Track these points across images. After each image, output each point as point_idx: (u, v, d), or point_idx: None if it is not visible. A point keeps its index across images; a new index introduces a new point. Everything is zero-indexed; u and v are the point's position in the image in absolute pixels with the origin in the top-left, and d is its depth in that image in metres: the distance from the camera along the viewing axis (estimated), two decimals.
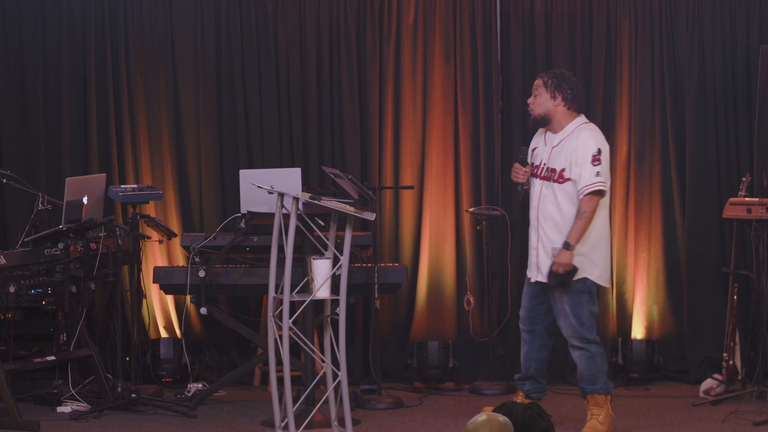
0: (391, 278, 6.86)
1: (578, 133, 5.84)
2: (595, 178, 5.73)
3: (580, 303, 5.85)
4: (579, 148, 5.77)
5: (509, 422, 4.78)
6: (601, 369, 5.92)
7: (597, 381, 5.90)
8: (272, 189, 5.43)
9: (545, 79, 5.94)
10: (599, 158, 5.76)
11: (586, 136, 5.82)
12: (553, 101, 5.91)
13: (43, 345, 6.93)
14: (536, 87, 5.97)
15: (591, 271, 5.83)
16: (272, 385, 5.47)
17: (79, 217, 6.43)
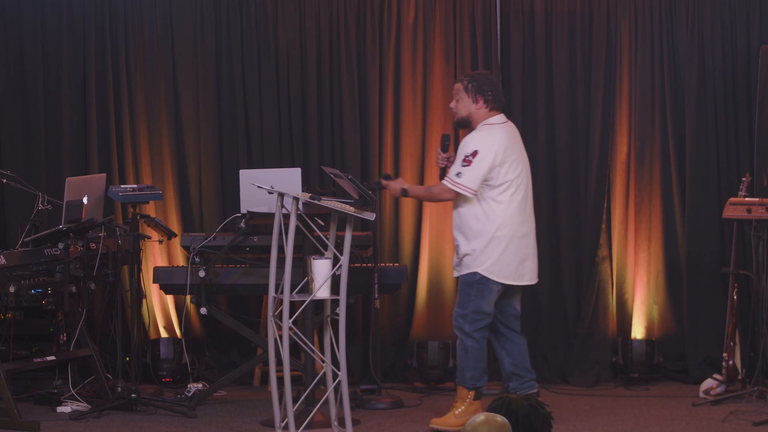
0: (391, 278, 6.86)
1: (475, 131, 5.97)
2: (455, 177, 5.88)
3: (467, 294, 5.96)
4: (462, 148, 5.91)
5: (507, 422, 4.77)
6: (472, 365, 5.98)
7: (464, 373, 6.00)
8: (272, 189, 5.43)
9: (465, 83, 6.00)
10: (470, 160, 5.85)
11: (472, 138, 5.93)
12: (475, 105, 5.99)
13: (43, 345, 6.93)
14: (457, 91, 6.03)
15: (479, 265, 5.93)
16: (272, 385, 5.47)
17: (79, 217, 6.43)
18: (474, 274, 5.95)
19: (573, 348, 7.43)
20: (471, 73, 6.12)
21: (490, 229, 5.93)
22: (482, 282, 5.94)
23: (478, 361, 5.99)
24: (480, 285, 5.94)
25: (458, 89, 6.03)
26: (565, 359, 7.45)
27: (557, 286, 7.48)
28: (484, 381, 6.06)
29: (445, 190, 5.93)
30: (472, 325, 5.97)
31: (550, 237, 7.48)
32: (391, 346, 7.47)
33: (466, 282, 5.98)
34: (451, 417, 5.96)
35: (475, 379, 6.00)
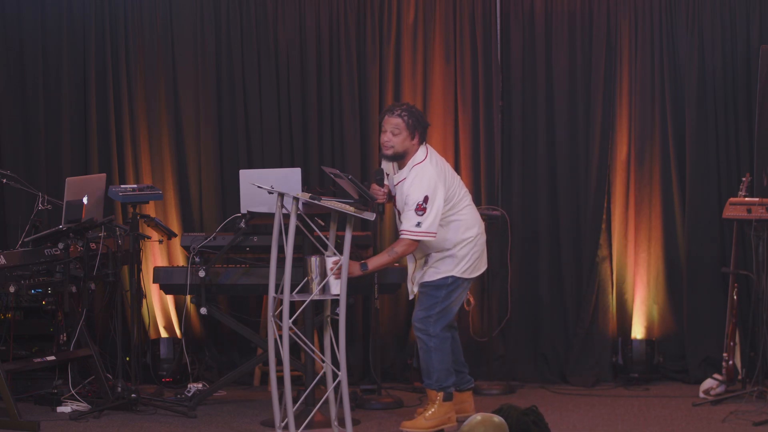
0: (391, 278, 6.86)
1: (411, 177, 5.89)
2: (415, 228, 5.81)
3: (434, 297, 5.97)
4: (409, 196, 5.83)
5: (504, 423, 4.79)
6: (437, 366, 5.98)
7: (431, 375, 6.00)
8: (272, 189, 5.43)
9: (406, 119, 5.90)
10: (424, 207, 5.82)
11: (415, 183, 5.86)
12: (411, 141, 5.93)
13: (43, 345, 6.93)
14: (396, 126, 5.90)
15: (453, 269, 5.97)
16: (272, 385, 5.48)
17: (79, 217, 6.43)
18: (446, 278, 5.97)
19: (573, 348, 7.43)
20: (407, 108, 5.95)
21: (459, 238, 5.97)
22: (455, 283, 5.97)
23: (443, 362, 5.99)
24: (452, 286, 5.97)
25: (398, 124, 5.90)
26: (565, 359, 7.45)
27: (557, 286, 7.48)
28: (452, 380, 6.04)
29: (408, 244, 5.84)
30: (436, 326, 5.96)
31: (550, 237, 7.49)
32: (391, 346, 7.47)
33: (435, 285, 5.97)
34: (422, 420, 5.95)
35: (441, 380, 5.99)
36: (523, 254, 7.49)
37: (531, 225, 7.49)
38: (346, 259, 5.35)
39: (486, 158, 7.47)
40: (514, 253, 7.38)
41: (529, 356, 7.45)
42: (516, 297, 7.43)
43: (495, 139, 7.46)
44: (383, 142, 5.95)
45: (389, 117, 5.95)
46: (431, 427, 5.93)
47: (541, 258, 7.49)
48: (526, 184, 7.50)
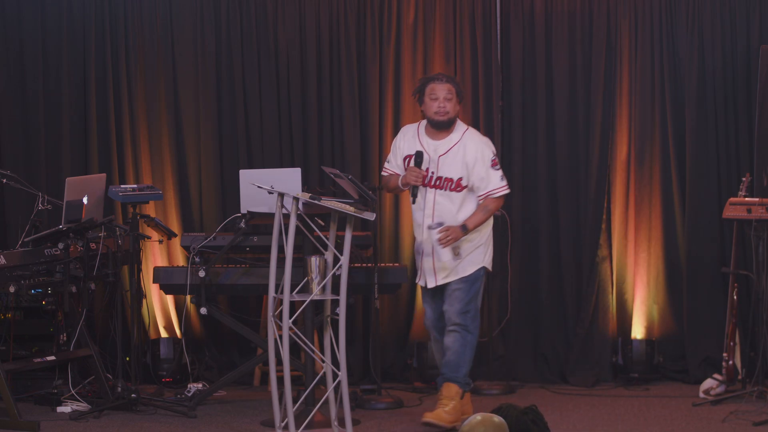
0: (391, 278, 6.86)
1: (467, 141, 6.01)
2: (501, 182, 6.01)
3: (472, 291, 6.03)
4: (477, 158, 5.95)
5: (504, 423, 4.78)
6: (467, 360, 6.02)
7: (459, 369, 6.00)
8: (272, 189, 5.43)
9: (455, 85, 6.06)
10: (497, 161, 6.01)
11: (479, 143, 6.02)
12: (458, 107, 6.08)
13: (43, 345, 6.93)
14: (449, 91, 6.03)
15: (486, 259, 6.10)
16: (272, 385, 5.47)
17: (79, 217, 6.43)
18: (479, 270, 6.04)
19: (573, 348, 7.43)
20: (450, 76, 6.16)
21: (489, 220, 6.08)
22: (486, 276, 6.11)
23: (472, 358, 6.06)
24: (483, 278, 6.08)
25: (451, 90, 6.03)
26: (565, 359, 7.45)
27: (557, 286, 7.48)
28: None
29: (499, 199, 6.04)
30: (474, 321, 6.03)
31: (550, 237, 7.49)
32: (391, 346, 7.47)
33: (471, 279, 6.02)
34: (443, 413, 5.94)
35: (467, 375, 6.04)
36: (523, 254, 7.49)
37: (531, 225, 7.49)
38: (346, 259, 5.35)
39: None
40: (514, 253, 7.38)
41: (529, 356, 7.45)
42: (516, 297, 7.43)
43: (495, 139, 7.45)
44: (437, 108, 6.01)
45: (438, 84, 6.03)
46: (451, 422, 5.91)
47: (541, 258, 7.49)
48: (526, 184, 7.50)
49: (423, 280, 6.14)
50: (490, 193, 6.00)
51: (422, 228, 6.07)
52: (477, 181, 5.97)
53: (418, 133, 6.14)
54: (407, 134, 6.18)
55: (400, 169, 6.16)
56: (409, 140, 6.14)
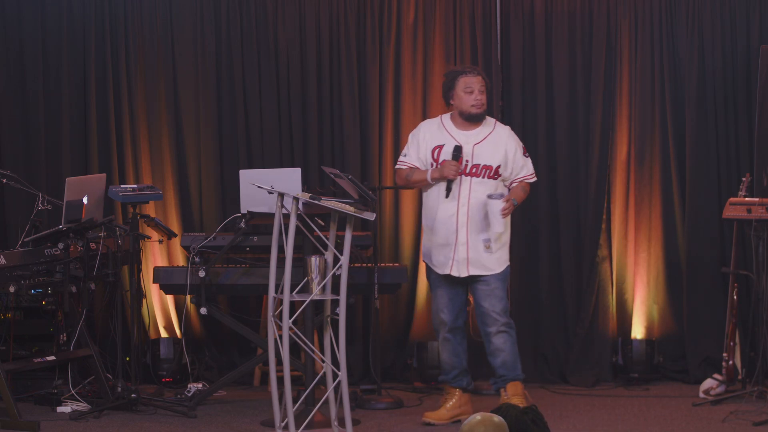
0: (391, 278, 6.86)
1: (500, 130, 6.16)
2: (533, 169, 6.23)
3: (505, 288, 6.13)
4: (516, 147, 6.13)
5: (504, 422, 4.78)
6: (518, 355, 6.14)
7: (517, 366, 6.09)
8: (272, 189, 5.43)
9: (486, 79, 6.16)
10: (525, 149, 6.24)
11: (511, 134, 6.20)
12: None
13: (43, 345, 6.93)
14: (484, 85, 6.12)
15: (508, 257, 6.18)
16: (272, 385, 5.47)
17: (79, 217, 6.43)
18: (507, 268, 6.15)
19: (573, 348, 7.43)
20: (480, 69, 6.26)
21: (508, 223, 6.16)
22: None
23: None
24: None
25: (485, 84, 6.12)
26: (565, 359, 7.45)
27: (557, 286, 7.48)
28: None
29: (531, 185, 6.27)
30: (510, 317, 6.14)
31: (550, 237, 7.49)
32: (391, 346, 7.47)
33: (503, 277, 6.13)
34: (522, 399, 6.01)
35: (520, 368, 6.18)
36: (523, 254, 7.48)
37: (531, 225, 7.49)
38: (346, 259, 5.35)
39: None
40: (514, 253, 7.37)
41: (529, 356, 7.43)
42: (516, 297, 7.42)
43: None
44: (474, 101, 6.08)
45: (471, 77, 6.10)
46: None
47: (541, 258, 7.49)
48: None
49: (451, 269, 6.08)
50: (525, 177, 6.16)
51: (455, 218, 6.03)
52: (515, 167, 6.10)
53: (444, 126, 6.15)
54: (431, 127, 6.19)
55: (420, 162, 6.15)
56: (435, 132, 6.14)
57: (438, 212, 6.09)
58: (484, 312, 6.07)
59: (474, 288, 6.11)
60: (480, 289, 6.08)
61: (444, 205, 6.06)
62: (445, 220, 6.07)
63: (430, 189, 6.13)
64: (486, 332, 6.10)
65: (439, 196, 6.06)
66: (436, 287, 6.20)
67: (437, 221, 6.10)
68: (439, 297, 6.18)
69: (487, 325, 6.07)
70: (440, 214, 6.08)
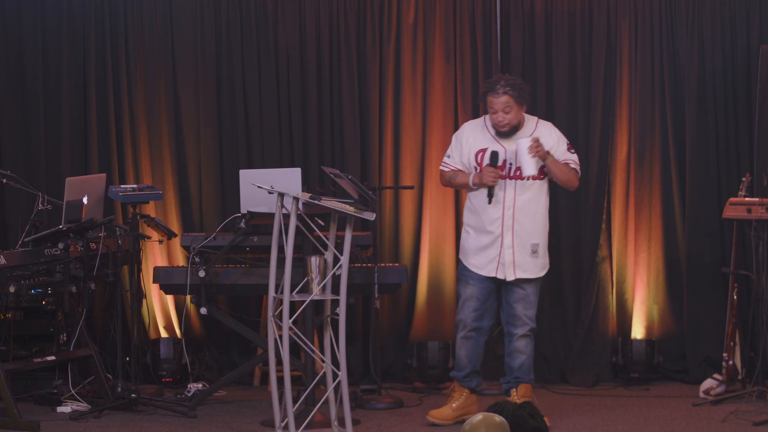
0: (391, 278, 6.86)
1: (543, 128, 6.16)
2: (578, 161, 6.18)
3: (538, 293, 6.18)
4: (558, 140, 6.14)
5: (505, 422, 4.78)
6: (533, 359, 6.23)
7: (532, 370, 6.18)
8: (272, 189, 5.43)
9: (513, 95, 6.05)
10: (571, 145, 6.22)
11: (555, 130, 6.20)
12: (522, 109, 6.12)
13: (43, 345, 6.93)
14: (506, 104, 6.05)
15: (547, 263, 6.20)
16: (272, 385, 5.47)
17: (79, 217, 6.43)
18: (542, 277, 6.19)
19: (573, 348, 7.43)
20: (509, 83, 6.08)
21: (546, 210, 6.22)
22: None
23: None
24: None
25: (508, 102, 6.03)
26: (565, 359, 7.45)
27: (557, 286, 7.48)
28: None
29: (576, 174, 6.18)
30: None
31: (550, 237, 7.45)
32: (391, 346, 7.47)
33: (540, 282, 6.17)
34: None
35: None
36: None
37: None
38: (346, 259, 5.35)
39: None
40: None
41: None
42: None
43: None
44: (497, 122, 6.08)
45: (494, 97, 6.06)
46: None
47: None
48: None
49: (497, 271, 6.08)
50: (570, 162, 6.11)
51: (500, 221, 6.03)
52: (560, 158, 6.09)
53: (487, 126, 6.16)
54: (474, 129, 6.19)
55: (464, 166, 6.16)
56: (478, 134, 6.15)
57: (483, 215, 6.10)
58: (514, 314, 6.11)
59: (509, 289, 6.12)
60: (516, 292, 6.11)
61: (489, 209, 6.07)
62: (490, 224, 6.08)
63: (477, 191, 6.12)
64: (511, 333, 6.13)
65: (485, 200, 6.07)
66: (467, 285, 6.19)
67: (483, 224, 6.11)
68: (470, 296, 6.19)
69: (514, 326, 6.11)
70: (485, 217, 6.09)
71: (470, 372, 6.22)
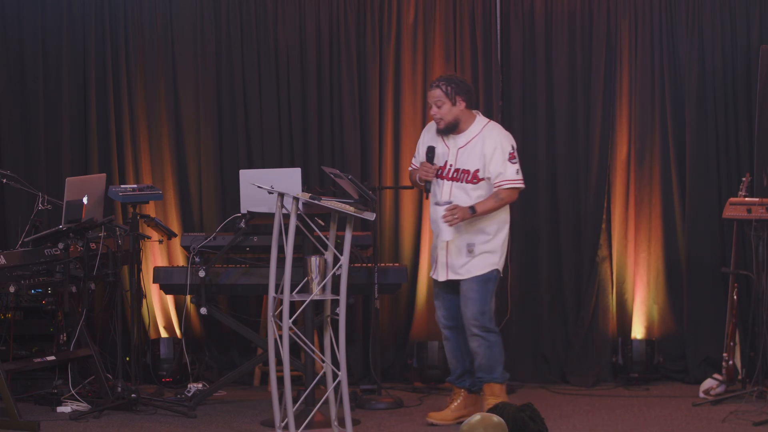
0: (391, 278, 6.86)
1: (488, 132, 6.03)
2: (516, 175, 6.00)
3: (487, 291, 6.03)
4: (496, 148, 5.97)
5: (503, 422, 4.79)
6: (499, 358, 6.06)
7: (494, 370, 6.05)
8: (272, 189, 5.43)
9: (444, 88, 6.00)
10: (515, 155, 6.01)
11: (498, 136, 6.03)
12: (458, 106, 6.02)
13: (43, 345, 6.93)
14: (438, 98, 6.01)
15: (498, 261, 6.06)
16: (272, 385, 5.48)
17: (79, 217, 6.43)
18: (492, 272, 6.04)
19: (573, 348, 7.43)
20: (445, 78, 6.07)
21: (503, 218, 6.07)
22: (498, 277, 6.08)
23: (502, 354, 6.10)
24: (497, 280, 6.08)
25: (439, 96, 6.00)
26: (565, 359, 7.45)
27: (557, 286, 7.48)
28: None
29: (511, 191, 6.01)
30: (492, 321, 6.06)
31: (550, 237, 7.49)
32: (391, 346, 7.47)
33: (485, 279, 6.03)
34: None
35: (504, 372, 6.10)
36: (523, 254, 7.49)
37: (531, 225, 7.49)
38: (346, 259, 5.35)
39: None
40: (513, 252, 7.38)
41: (529, 356, 7.44)
42: (516, 297, 7.43)
43: None
44: (431, 116, 6.08)
45: (429, 91, 6.08)
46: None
47: (541, 258, 7.49)
48: (526, 184, 7.48)
49: (436, 272, 6.15)
50: (502, 183, 5.99)
51: (438, 222, 6.01)
52: (493, 172, 5.98)
53: None
54: (431, 129, 6.20)
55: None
56: (432, 134, 6.16)
57: (431, 215, 6.15)
58: (462, 314, 6.10)
59: (457, 290, 6.11)
60: (461, 292, 6.09)
61: (432, 209, 6.10)
62: (433, 222, 6.13)
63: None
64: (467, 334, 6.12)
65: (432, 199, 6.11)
66: (434, 286, 6.25)
67: (432, 223, 6.17)
68: (435, 296, 6.25)
69: (465, 327, 6.09)
70: (431, 217, 6.14)
71: (462, 372, 6.21)
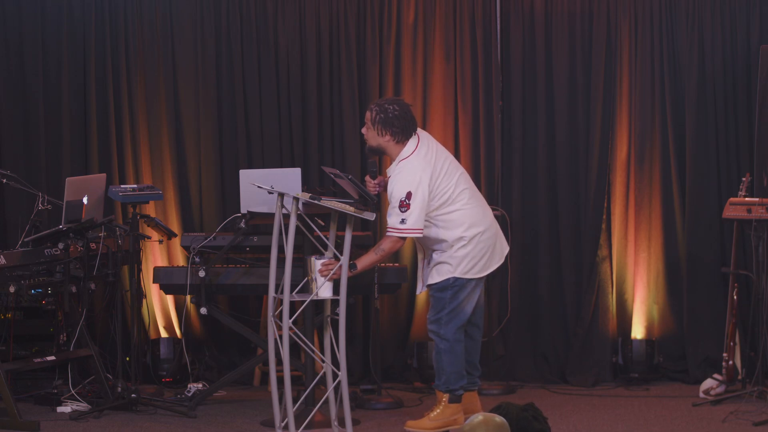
0: (391, 278, 6.86)
1: (396, 173, 5.83)
2: (400, 225, 5.75)
3: (441, 299, 5.89)
4: (392, 193, 5.80)
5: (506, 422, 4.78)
6: (446, 368, 5.92)
7: (440, 376, 5.95)
8: (272, 189, 5.43)
9: (373, 115, 5.84)
10: (407, 203, 5.73)
11: (399, 180, 5.79)
12: (382, 138, 5.86)
13: (43, 345, 6.93)
14: (367, 120, 5.89)
15: (453, 270, 5.87)
16: (272, 385, 5.48)
17: (79, 217, 6.43)
18: (447, 280, 5.89)
19: (573, 348, 7.43)
20: (380, 104, 5.86)
21: (456, 236, 5.87)
22: (457, 283, 5.89)
23: (454, 364, 5.92)
24: (456, 287, 5.89)
25: (367, 118, 5.89)
26: (565, 359, 7.45)
27: (557, 286, 7.48)
28: (462, 383, 5.97)
29: (394, 241, 5.77)
30: (448, 328, 5.90)
31: (550, 237, 7.49)
32: (391, 346, 7.47)
33: (439, 287, 5.92)
34: (426, 420, 5.93)
35: (450, 382, 5.93)
36: (523, 254, 7.49)
37: (531, 225, 7.49)
38: (346, 258, 5.36)
39: (486, 158, 7.47)
40: (514, 252, 7.37)
41: (529, 356, 7.45)
42: (516, 297, 7.43)
43: (495, 139, 7.46)
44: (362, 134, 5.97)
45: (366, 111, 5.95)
46: (435, 428, 5.91)
47: (541, 258, 7.49)
48: (526, 184, 7.50)
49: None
50: (387, 230, 5.80)
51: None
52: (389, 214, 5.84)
53: None
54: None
55: None
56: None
57: None
58: None
59: None
60: None
61: None
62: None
63: None
64: None
65: None
66: None
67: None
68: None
69: None
70: None
71: None
